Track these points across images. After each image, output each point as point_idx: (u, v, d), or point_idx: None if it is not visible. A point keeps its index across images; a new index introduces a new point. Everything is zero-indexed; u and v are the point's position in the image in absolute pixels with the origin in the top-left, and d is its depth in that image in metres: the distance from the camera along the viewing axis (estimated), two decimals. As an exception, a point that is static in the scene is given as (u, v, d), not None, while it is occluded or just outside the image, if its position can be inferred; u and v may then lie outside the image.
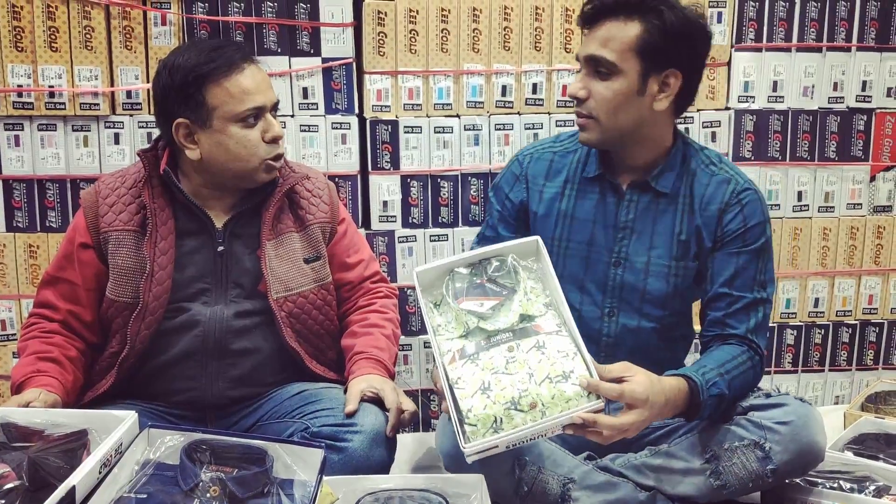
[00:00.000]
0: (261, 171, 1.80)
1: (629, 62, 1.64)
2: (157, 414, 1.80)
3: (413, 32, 2.32)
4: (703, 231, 1.75)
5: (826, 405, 2.60)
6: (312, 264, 1.89)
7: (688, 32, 1.65)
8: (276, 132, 1.79)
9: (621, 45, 1.64)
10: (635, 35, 1.63)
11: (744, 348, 1.71)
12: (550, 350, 1.46)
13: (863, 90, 2.51)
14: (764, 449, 1.61)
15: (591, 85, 1.68)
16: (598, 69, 1.66)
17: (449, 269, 1.57)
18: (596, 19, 1.67)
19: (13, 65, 2.19)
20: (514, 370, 1.43)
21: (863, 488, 1.74)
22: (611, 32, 1.64)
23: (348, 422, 1.67)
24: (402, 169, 2.38)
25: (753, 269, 1.74)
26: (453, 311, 1.53)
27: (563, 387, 1.42)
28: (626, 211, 1.77)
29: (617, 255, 1.78)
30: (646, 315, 1.79)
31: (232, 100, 1.73)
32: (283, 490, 1.37)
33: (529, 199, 1.85)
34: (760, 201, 1.76)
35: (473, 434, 1.39)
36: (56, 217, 2.28)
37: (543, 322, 1.51)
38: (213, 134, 1.75)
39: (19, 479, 1.27)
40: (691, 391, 1.58)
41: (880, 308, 2.61)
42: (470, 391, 1.42)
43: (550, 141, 1.91)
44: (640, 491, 1.68)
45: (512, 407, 1.40)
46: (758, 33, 2.45)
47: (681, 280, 1.77)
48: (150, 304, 1.77)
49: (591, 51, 1.66)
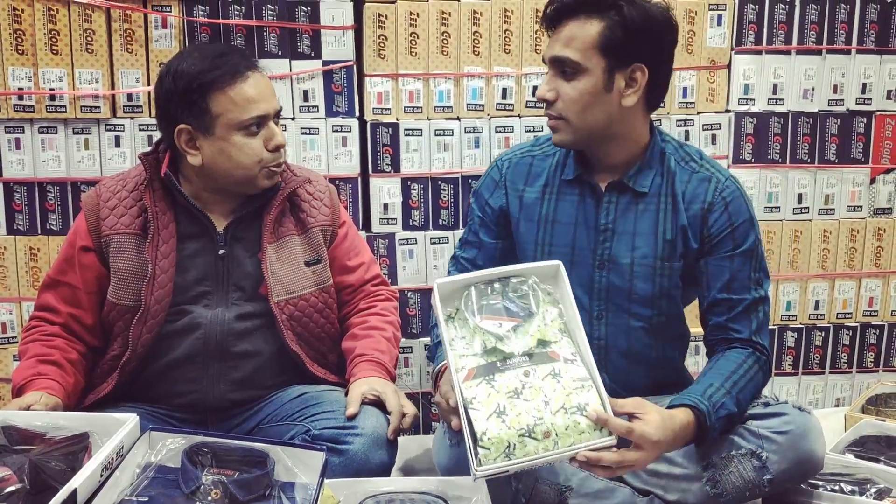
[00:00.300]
0: (262, 178, 1.80)
1: (593, 60, 1.64)
2: (158, 417, 1.80)
3: (413, 35, 2.33)
4: (689, 231, 1.74)
5: (826, 408, 2.60)
6: (313, 267, 1.89)
7: (649, 26, 1.65)
8: (279, 141, 1.79)
9: (584, 44, 1.64)
10: (597, 32, 1.63)
11: (749, 351, 1.71)
12: (566, 379, 1.45)
13: (863, 93, 2.51)
14: (761, 458, 1.61)
15: (559, 86, 1.68)
16: (564, 69, 1.66)
17: (468, 284, 1.55)
18: (558, 20, 1.67)
19: (14, 67, 2.19)
20: (530, 396, 1.42)
21: (864, 491, 1.74)
22: (573, 32, 1.65)
23: (349, 424, 1.67)
24: (402, 171, 2.38)
25: (748, 268, 1.73)
26: (470, 327, 1.51)
27: (577, 418, 1.41)
28: (605, 212, 1.76)
29: (601, 258, 1.76)
30: (635, 315, 1.77)
31: (235, 108, 1.73)
32: (284, 493, 1.37)
33: (509, 205, 1.83)
34: (743, 197, 1.75)
35: (486, 457, 1.38)
36: (57, 220, 2.28)
37: (559, 349, 1.50)
38: (216, 141, 1.75)
39: (21, 483, 1.27)
40: (699, 422, 1.57)
41: (881, 310, 2.61)
42: (485, 413, 1.41)
43: (529, 145, 1.89)
44: (637, 496, 1.67)
45: (526, 434, 1.39)
46: (758, 36, 2.46)
47: (667, 280, 1.75)
48: (152, 307, 1.76)
49: (556, 52, 1.67)
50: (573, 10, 1.65)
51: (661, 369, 1.84)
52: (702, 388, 1.61)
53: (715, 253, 1.74)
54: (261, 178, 1.80)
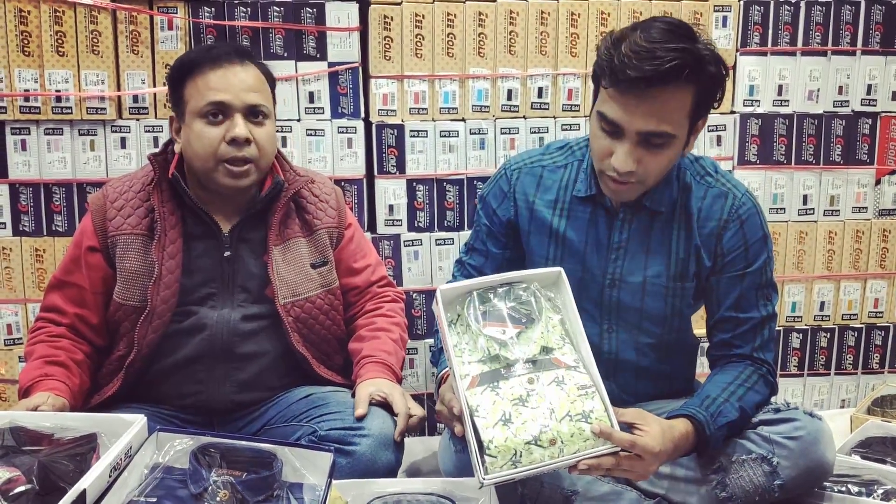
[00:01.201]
0: (222, 175, 1.75)
1: (684, 127, 1.56)
2: (164, 418, 1.80)
3: (419, 37, 2.33)
4: (703, 250, 1.71)
5: (832, 409, 2.59)
6: (319, 269, 1.89)
7: (724, 75, 1.55)
8: (236, 133, 1.71)
9: (679, 115, 1.53)
10: (691, 100, 1.52)
11: (746, 363, 1.71)
12: (570, 386, 1.45)
13: (868, 94, 2.51)
14: (772, 464, 1.60)
15: (642, 157, 1.55)
16: (653, 141, 1.54)
17: (470, 289, 1.54)
18: (647, 90, 1.48)
19: (20, 69, 2.19)
20: (535, 404, 1.42)
21: (871, 492, 1.73)
22: (667, 104, 1.50)
23: (356, 425, 1.67)
24: (407, 173, 2.38)
25: (757, 287, 1.72)
26: (473, 333, 1.50)
27: (582, 425, 1.41)
28: (619, 231, 1.72)
29: (611, 277, 1.74)
30: (645, 331, 1.77)
31: (197, 94, 1.74)
32: (292, 494, 1.37)
33: (518, 217, 1.80)
34: (759, 215, 1.73)
35: (492, 465, 1.38)
36: (62, 221, 2.28)
37: (562, 356, 1.50)
38: (185, 128, 1.78)
39: (29, 483, 1.27)
40: (697, 431, 1.57)
41: (886, 311, 2.61)
42: (491, 421, 1.40)
43: (539, 153, 1.84)
44: (644, 499, 1.67)
45: (533, 442, 1.39)
46: (763, 37, 2.45)
47: (679, 300, 1.74)
48: (158, 307, 1.77)
49: (650, 127, 1.51)
50: (670, 81, 1.48)
51: (670, 380, 1.84)
52: (699, 400, 1.62)
53: (726, 272, 1.72)
54: (220, 174, 1.75)
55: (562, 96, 2.39)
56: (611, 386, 1.76)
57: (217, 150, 1.73)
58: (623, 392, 1.76)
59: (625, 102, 1.51)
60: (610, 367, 1.77)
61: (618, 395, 1.65)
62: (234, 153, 1.74)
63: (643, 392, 1.80)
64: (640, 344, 1.78)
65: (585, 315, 1.75)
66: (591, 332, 1.76)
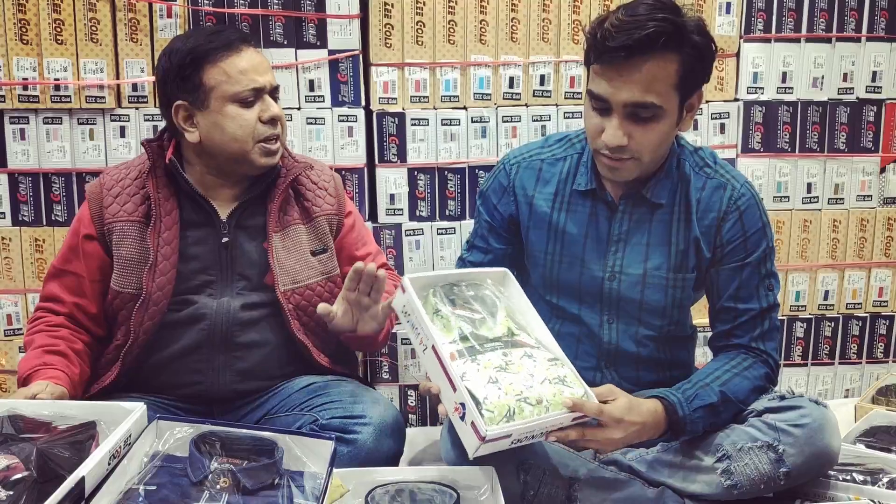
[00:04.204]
0: (258, 155, 1.78)
1: (672, 100, 1.56)
2: (163, 407, 1.79)
3: (420, 24, 2.31)
4: (702, 242, 1.71)
5: (836, 398, 2.58)
6: (319, 256, 1.88)
7: (713, 49, 1.57)
8: (273, 112, 1.78)
9: (664, 85, 1.53)
10: (675, 71, 1.53)
11: (740, 352, 1.71)
12: (540, 359, 1.52)
13: (873, 81, 2.49)
14: (777, 451, 1.59)
15: (632, 131, 1.56)
16: (640, 113, 1.55)
17: (433, 283, 1.58)
18: (627, 59, 1.51)
19: (18, 58, 2.18)
20: (515, 371, 1.47)
21: (876, 480, 1.73)
22: (652, 73, 1.51)
23: (357, 414, 1.67)
24: (409, 162, 2.37)
25: (757, 277, 1.72)
26: (443, 317, 1.53)
27: (561, 387, 1.47)
28: (619, 224, 1.73)
29: (611, 270, 1.74)
30: (645, 323, 1.77)
31: (229, 80, 1.74)
32: (293, 482, 1.37)
33: (519, 212, 1.79)
34: (758, 205, 1.72)
35: (491, 420, 1.39)
36: (62, 211, 2.27)
37: (524, 339, 1.56)
38: (210, 114, 1.75)
39: (28, 471, 1.26)
40: (668, 413, 1.58)
41: (891, 300, 2.60)
42: (481, 382, 1.43)
43: (538, 146, 1.83)
44: (648, 487, 1.66)
45: (522, 400, 1.42)
46: (767, 24, 2.44)
47: (679, 291, 1.74)
48: (154, 294, 1.76)
49: (635, 97, 1.53)
50: (649, 49, 1.50)
51: (670, 369, 1.84)
52: (676, 386, 1.64)
53: (725, 262, 1.72)
54: (257, 154, 1.78)
55: (564, 84, 2.38)
56: (611, 374, 1.78)
57: (255, 131, 1.76)
58: (623, 380, 1.76)
59: (609, 76, 1.54)
60: (610, 356, 1.79)
61: (618, 383, 1.65)
62: (270, 132, 1.78)
63: (643, 380, 1.80)
64: (640, 335, 1.78)
65: (587, 306, 1.76)
66: (594, 322, 1.78)
